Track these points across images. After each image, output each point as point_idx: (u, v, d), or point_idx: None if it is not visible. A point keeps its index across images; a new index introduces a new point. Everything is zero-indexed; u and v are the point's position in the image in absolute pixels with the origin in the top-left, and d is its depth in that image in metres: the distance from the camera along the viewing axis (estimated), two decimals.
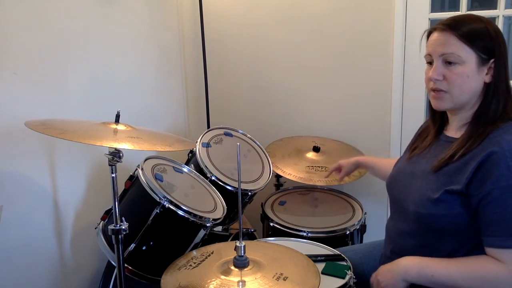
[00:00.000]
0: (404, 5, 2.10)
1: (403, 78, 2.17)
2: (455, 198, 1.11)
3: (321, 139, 2.22)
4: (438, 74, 1.15)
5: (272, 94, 2.43)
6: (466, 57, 1.12)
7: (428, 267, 1.14)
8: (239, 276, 1.07)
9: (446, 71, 1.14)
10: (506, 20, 2.04)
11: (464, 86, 1.13)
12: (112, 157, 1.19)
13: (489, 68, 1.13)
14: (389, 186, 1.37)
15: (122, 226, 1.23)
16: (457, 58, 1.12)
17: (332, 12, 2.24)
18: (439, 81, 1.15)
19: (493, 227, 1.07)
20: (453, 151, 1.15)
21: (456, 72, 1.13)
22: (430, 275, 1.13)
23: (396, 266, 1.19)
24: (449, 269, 1.11)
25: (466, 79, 1.13)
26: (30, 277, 1.58)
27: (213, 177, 1.65)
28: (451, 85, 1.14)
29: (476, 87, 1.14)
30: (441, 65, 1.15)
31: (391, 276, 1.19)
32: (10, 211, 1.45)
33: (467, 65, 1.12)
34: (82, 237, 1.78)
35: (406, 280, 1.16)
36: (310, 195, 2.13)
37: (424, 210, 1.16)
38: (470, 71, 1.12)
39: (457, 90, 1.14)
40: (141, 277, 1.39)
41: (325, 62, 2.31)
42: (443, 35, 1.14)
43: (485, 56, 1.12)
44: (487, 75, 1.14)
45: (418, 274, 1.15)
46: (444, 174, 1.15)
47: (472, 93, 1.15)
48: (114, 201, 1.23)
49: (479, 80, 1.14)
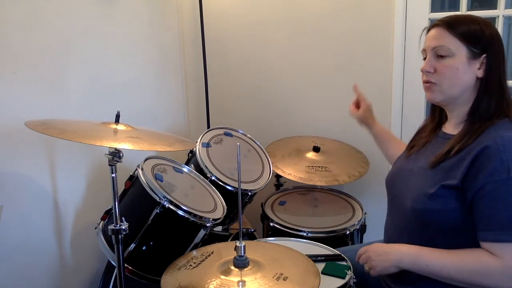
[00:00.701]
0: (404, 5, 2.10)
1: (403, 78, 2.17)
2: (451, 193, 1.12)
3: (321, 139, 2.22)
4: (429, 67, 1.20)
5: (272, 94, 2.43)
6: (456, 50, 1.15)
7: (424, 256, 1.15)
8: (239, 276, 1.07)
9: (437, 63, 1.18)
10: (506, 20, 2.04)
11: (454, 78, 1.17)
12: (112, 157, 1.19)
13: (481, 63, 1.15)
14: (388, 184, 1.38)
15: (122, 226, 1.23)
16: (447, 50, 1.16)
17: (332, 12, 2.24)
18: (430, 74, 1.20)
19: (486, 221, 1.08)
20: (449, 146, 1.17)
21: (446, 64, 1.17)
22: (424, 265, 1.14)
23: (392, 250, 1.20)
24: (443, 260, 1.12)
25: (456, 72, 1.16)
26: (30, 277, 1.58)
27: (213, 177, 1.65)
28: (441, 77, 1.18)
29: (466, 80, 1.16)
30: (433, 58, 1.19)
31: (385, 259, 1.20)
32: (10, 211, 1.45)
33: (457, 58, 1.15)
34: (82, 237, 1.78)
35: (399, 266, 1.18)
36: (310, 195, 2.13)
37: (421, 205, 1.17)
38: (460, 64, 1.15)
39: (447, 82, 1.18)
40: (141, 277, 1.39)
41: (325, 62, 2.31)
42: (437, 30, 1.19)
43: (476, 51, 1.15)
44: (479, 70, 1.16)
45: (413, 262, 1.16)
46: (441, 170, 1.16)
47: (463, 86, 1.17)
48: (114, 201, 1.23)
49: (470, 74, 1.16)
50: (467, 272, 1.10)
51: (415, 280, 1.21)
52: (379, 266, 1.20)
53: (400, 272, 1.21)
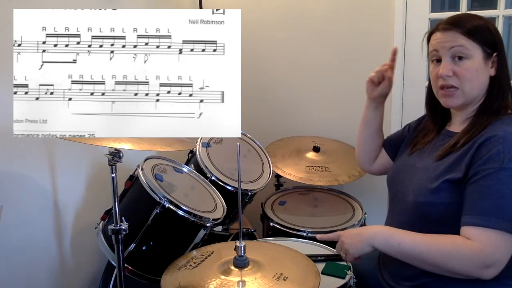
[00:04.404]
0: (404, 5, 2.10)
1: (403, 78, 2.17)
2: (454, 186, 1.13)
3: (321, 139, 2.22)
4: (448, 70, 1.16)
5: (272, 94, 2.43)
6: (473, 51, 1.15)
7: (396, 235, 1.14)
8: (239, 276, 1.07)
9: (456, 67, 1.16)
10: (506, 20, 2.04)
11: (474, 80, 1.16)
12: (112, 157, 1.19)
13: (492, 62, 1.17)
14: (390, 181, 1.38)
15: (122, 226, 1.23)
16: (466, 52, 1.14)
17: (332, 12, 2.24)
18: (449, 77, 1.17)
19: (469, 206, 1.08)
20: (456, 140, 1.17)
21: (466, 67, 1.15)
22: (396, 244, 1.12)
23: (365, 231, 1.20)
24: (416, 240, 1.11)
25: (476, 73, 1.15)
26: (30, 277, 1.58)
27: (213, 177, 1.65)
28: (462, 80, 1.16)
29: (484, 81, 1.17)
30: (450, 61, 1.17)
31: (358, 239, 1.19)
32: (10, 211, 1.45)
33: (475, 60, 1.15)
34: (82, 237, 1.78)
35: (372, 245, 1.16)
36: (310, 195, 2.13)
37: (423, 199, 1.17)
38: (478, 65, 1.15)
39: (468, 85, 1.16)
40: (141, 277, 1.39)
41: (325, 61, 2.31)
42: (449, 33, 1.16)
43: (489, 50, 1.16)
44: (491, 69, 1.17)
45: (386, 241, 1.14)
46: (444, 164, 1.16)
47: (481, 87, 1.18)
48: (114, 201, 1.23)
49: (486, 74, 1.17)
50: (438, 253, 1.08)
51: (415, 277, 1.20)
52: (353, 248, 1.19)
53: (400, 270, 1.21)
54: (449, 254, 1.06)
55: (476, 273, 1.04)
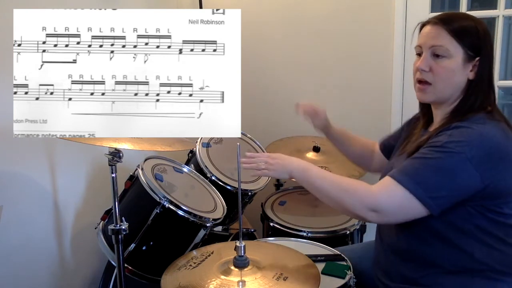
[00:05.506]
0: (404, 5, 2.10)
1: (403, 78, 2.17)
2: None
3: (321, 139, 2.21)
4: (425, 65, 1.18)
5: (272, 94, 2.43)
6: (454, 51, 1.14)
7: (311, 170, 1.23)
8: (239, 276, 1.07)
9: (433, 63, 1.17)
10: (506, 20, 2.04)
11: (448, 80, 1.16)
12: (112, 157, 1.19)
13: (473, 65, 1.16)
14: None
15: (122, 226, 1.23)
16: (445, 51, 1.15)
17: (332, 12, 2.24)
18: (425, 72, 1.18)
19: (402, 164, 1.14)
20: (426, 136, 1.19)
21: (443, 65, 1.16)
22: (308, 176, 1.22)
23: (288, 160, 1.27)
24: (325, 175, 1.21)
25: (451, 73, 1.16)
26: (30, 277, 1.58)
27: (213, 177, 1.65)
28: (436, 77, 1.17)
29: (459, 82, 1.17)
30: (429, 57, 1.18)
31: (281, 165, 1.26)
32: (10, 211, 1.45)
33: (454, 60, 1.15)
34: (82, 237, 1.78)
35: (290, 173, 1.25)
36: (310, 195, 2.10)
37: None
38: (455, 66, 1.15)
39: (441, 84, 1.17)
40: (141, 277, 1.39)
41: (325, 62, 2.31)
42: (435, 29, 1.17)
43: (471, 54, 1.15)
44: (471, 72, 1.16)
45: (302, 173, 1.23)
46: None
47: (455, 88, 1.18)
48: (114, 201, 1.23)
49: (463, 76, 1.16)
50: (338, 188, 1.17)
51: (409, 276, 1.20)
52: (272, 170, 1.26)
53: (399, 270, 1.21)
54: (346, 189, 1.15)
55: (362, 213, 1.12)
